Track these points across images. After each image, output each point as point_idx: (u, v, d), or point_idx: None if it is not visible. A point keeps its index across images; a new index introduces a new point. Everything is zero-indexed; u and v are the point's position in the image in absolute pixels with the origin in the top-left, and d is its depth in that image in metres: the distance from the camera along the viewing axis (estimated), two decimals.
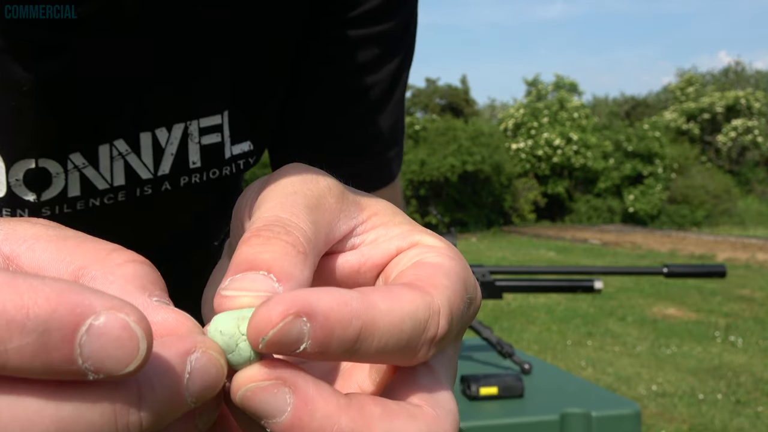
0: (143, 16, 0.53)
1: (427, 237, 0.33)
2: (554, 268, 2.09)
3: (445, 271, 0.30)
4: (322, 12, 0.63)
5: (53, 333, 0.19)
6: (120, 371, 0.21)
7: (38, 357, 0.19)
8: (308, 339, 0.24)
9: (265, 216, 0.30)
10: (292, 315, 0.24)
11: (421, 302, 0.27)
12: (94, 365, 0.20)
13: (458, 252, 0.33)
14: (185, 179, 0.60)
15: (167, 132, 0.57)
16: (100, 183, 0.56)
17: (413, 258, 0.32)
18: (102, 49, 0.52)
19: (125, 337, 0.20)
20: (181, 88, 0.57)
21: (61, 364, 0.20)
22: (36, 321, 0.19)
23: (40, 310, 0.19)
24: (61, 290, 0.20)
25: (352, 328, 0.25)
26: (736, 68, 36.28)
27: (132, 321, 0.21)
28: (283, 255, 0.28)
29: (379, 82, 0.67)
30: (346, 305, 0.25)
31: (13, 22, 0.48)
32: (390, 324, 0.26)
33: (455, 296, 0.29)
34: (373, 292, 0.27)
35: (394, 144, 0.72)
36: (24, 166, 0.52)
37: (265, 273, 0.27)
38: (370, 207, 0.35)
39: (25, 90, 0.50)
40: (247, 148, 0.63)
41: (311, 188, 0.32)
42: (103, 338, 0.20)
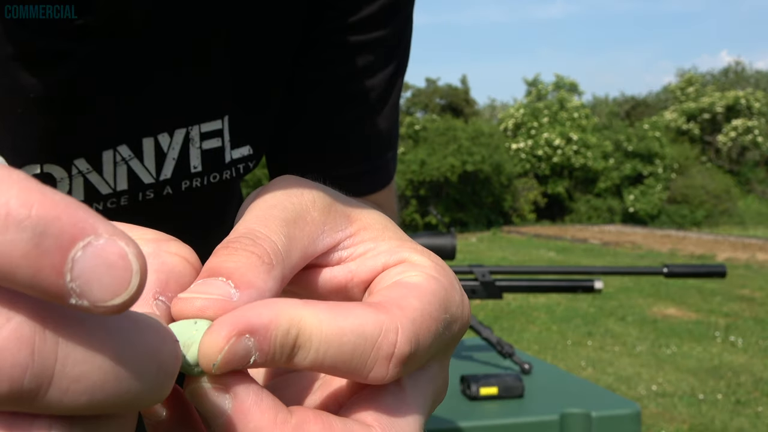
0: (145, 22, 0.53)
1: (414, 254, 0.33)
2: (554, 268, 2.09)
3: (420, 292, 0.30)
4: (320, 18, 0.63)
5: (50, 237, 0.18)
6: (104, 301, 0.19)
7: (27, 258, 0.18)
8: (255, 352, 0.25)
9: (239, 229, 0.31)
10: (235, 336, 0.25)
11: (372, 320, 0.28)
12: (80, 286, 0.19)
13: (445, 270, 0.33)
14: (186, 183, 0.60)
15: (169, 137, 0.58)
16: (104, 188, 0.56)
17: (394, 277, 0.32)
18: (106, 56, 0.52)
19: (120, 265, 0.19)
20: (182, 94, 0.57)
21: (49, 273, 0.18)
22: (36, 220, 0.18)
23: (44, 211, 0.18)
24: (70, 203, 0.19)
25: (290, 336, 0.26)
26: (736, 68, 36.29)
27: (131, 252, 0.20)
28: (246, 264, 0.28)
29: (375, 87, 0.67)
30: (284, 314, 0.26)
31: (22, 29, 0.48)
32: (327, 335, 0.27)
33: (424, 318, 0.29)
34: (320, 304, 0.27)
35: (389, 147, 0.72)
36: (29, 171, 0.53)
37: (224, 279, 0.28)
38: (361, 219, 0.35)
39: (31, 97, 0.50)
40: (246, 152, 0.64)
41: (292, 201, 0.33)
42: (98, 260, 0.19)
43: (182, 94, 0.57)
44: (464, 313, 0.33)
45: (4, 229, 0.18)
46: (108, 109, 0.54)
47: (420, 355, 0.29)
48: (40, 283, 0.18)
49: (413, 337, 0.28)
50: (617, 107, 33.67)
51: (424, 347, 0.29)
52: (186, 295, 0.27)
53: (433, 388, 0.32)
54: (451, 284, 0.32)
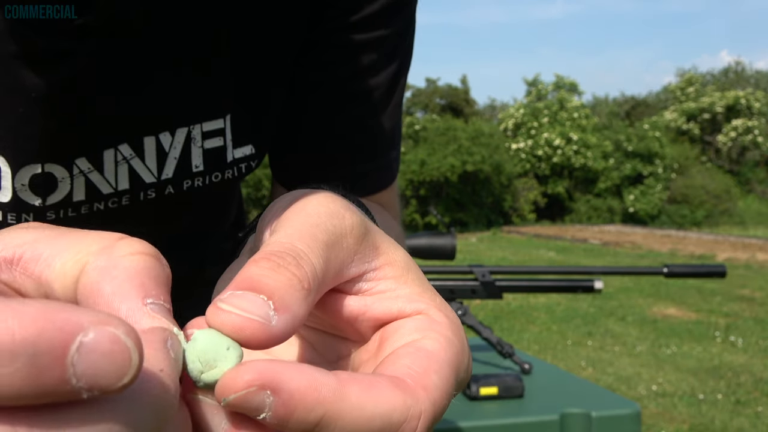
0: (146, 21, 0.53)
1: (432, 308, 0.33)
2: (554, 268, 2.09)
3: (439, 364, 0.30)
4: (322, 17, 0.63)
5: (43, 355, 0.19)
6: (114, 386, 0.20)
7: (30, 381, 0.19)
8: (269, 411, 0.25)
9: (282, 242, 0.30)
10: (257, 386, 0.25)
11: (401, 405, 0.27)
12: (87, 383, 0.20)
13: (459, 329, 0.33)
14: (188, 183, 0.60)
15: (170, 136, 0.58)
16: (105, 187, 0.56)
17: (412, 334, 0.32)
18: (107, 55, 0.52)
19: (116, 350, 0.20)
20: (183, 93, 0.57)
21: (55, 385, 0.19)
22: (24, 344, 0.18)
23: (27, 333, 0.19)
24: (45, 310, 0.19)
25: (314, 414, 0.26)
26: (736, 68, 36.29)
27: (122, 334, 0.20)
28: (287, 286, 0.28)
29: (379, 86, 0.67)
30: (315, 391, 0.26)
31: (24, 28, 0.48)
32: (357, 419, 0.26)
33: (442, 398, 0.29)
34: (353, 381, 0.27)
35: (392, 146, 0.72)
36: (30, 171, 0.53)
37: (265, 298, 0.27)
38: (387, 255, 0.34)
39: (33, 96, 0.50)
40: (248, 151, 0.64)
41: (335, 224, 0.32)
42: (95, 354, 0.20)
43: (184, 93, 0.57)
44: (469, 374, 0.34)
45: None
46: (109, 108, 0.54)
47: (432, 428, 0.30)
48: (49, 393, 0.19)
49: (432, 420, 0.29)
50: (617, 107, 33.66)
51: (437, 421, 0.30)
52: (225, 307, 0.27)
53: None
54: (463, 347, 0.33)
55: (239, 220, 0.81)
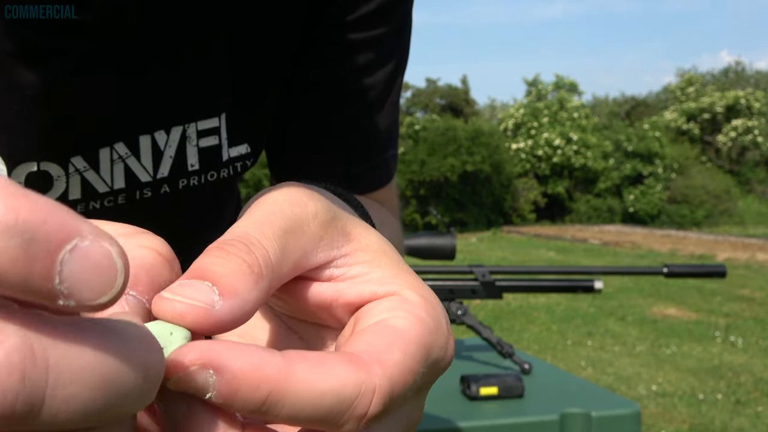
0: (142, 20, 0.53)
1: (405, 289, 0.33)
2: (554, 268, 2.09)
3: (405, 340, 0.30)
4: (319, 15, 0.63)
5: (39, 242, 0.19)
6: (91, 300, 0.20)
7: (18, 264, 0.19)
8: (213, 390, 0.25)
9: (235, 230, 0.31)
10: (199, 365, 0.25)
11: (353, 380, 0.27)
12: (68, 288, 0.19)
13: (434, 308, 0.33)
14: (184, 182, 0.60)
15: (166, 135, 0.58)
16: (101, 186, 0.56)
17: (382, 313, 0.31)
18: (103, 53, 0.52)
19: (105, 265, 0.20)
20: (178, 91, 0.57)
21: (39, 278, 0.19)
22: (24, 226, 0.19)
23: (31, 217, 0.19)
24: (53, 207, 0.19)
25: (259, 392, 0.26)
26: (736, 68, 36.29)
27: (114, 252, 0.20)
28: (235, 272, 0.28)
29: (375, 85, 0.67)
30: (258, 369, 0.26)
31: (19, 26, 0.48)
32: (305, 396, 0.26)
33: (403, 373, 0.29)
34: (300, 359, 0.27)
35: (390, 146, 0.72)
36: (26, 169, 0.53)
37: (209, 285, 0.27)
38: (359, 240, 0.34)
39: (29, 94, 0.50)
40: (244, 150, 0.64)
41: (294, 210, 0.32)
42: (84, 261, 0.20)
43: (179, 91, 0.57)
44: (447, 354, 0.33)
45: None
46: (104, 106, 0.54)
47: (393, 408, 0.29)
48: (30, 287, 0.19)
49: (388, 396, 0.28)
50: (617, 107, 33.66)
51: (398, 401, 0.29)
52: (168, 296, 0.27)
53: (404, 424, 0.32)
54: (438, 326, 0.32)
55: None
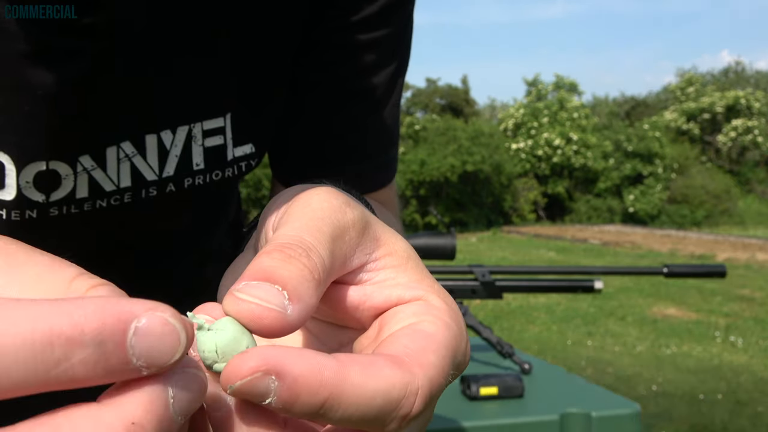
0: (148, 21, 0.53)
1: (431, 294, 0.34)
2: (554, 268, 2.09)
3: (436, 345, 0.31)
4: (321, 17, 0.64)
5: (108, 342, 0.22)
6: (168, 362, 0.24)
7: (99, 364, 0.22)
8: (274, 396, 0.26)
9: (291, 234, 0.31)
10: (262, 372, 0.26)
11: (399, 382, 0.28)
12: (145, 362, 0.23)
13: (457, 314, 0.34)
14: (189, 181, 0.60)
15: (172, 134, 0.58)
16: (108, 185, 0.56)
17: (410, 318, 0.32)
18: (111, 54, 0.52)
19: (167, 331, 0.24)
20: (184, 91, 0.58)
21: (119, 366, 0.23)
22: (91, 335, 0.22)
23: (92, 325, 0.22)
24: (103, 304, 0.23)
25: (318, 396, 0.26)
26: (736, 68, 36.29)
27: (169, 317, 0.24)
28: (300, 277, 0.29)
29: (378, 86, 0.68)
30: (318, 373, 0.26)
31: (31, 27, 0.48)
32: (359, 398, 0.27)
33: (439, 376, 0.30)
34: (352, 362, 0.27)
35: (391, 146, 0.73)
36: (35, 168, 0.53)
37: (280, 288, 0.28)
38: (387, 245, 0.35)
39: (40, 94, 0.50)
40: (249, 150, 0.64)
41: (339, 219, 0.33)
42: (150, 337, 0.23)
43: (184, 91, 0.58)
44: (467, 358, 0.34)
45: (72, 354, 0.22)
46: (112, 106, 0.54)
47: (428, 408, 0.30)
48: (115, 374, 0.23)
49: (429, 397, 0.29)
50: (617, 107, 33.66)
51: (433, 402, 0.31)
52: (242, 296, 0.28)
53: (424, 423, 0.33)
54: (460, 331, 0.33)
55: (238, 219, 0.82)
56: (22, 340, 0.21)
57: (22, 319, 0.21)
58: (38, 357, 0.21)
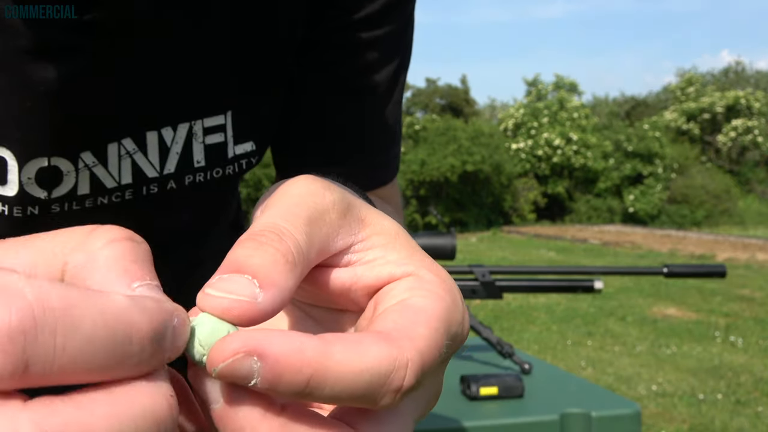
0: (148, 18, 0.53)
1: (422, 269, 0.34)
2: (554, 268, 2.09)
3: (427, 317, 0.31)
4: (323, 16, 0.64)
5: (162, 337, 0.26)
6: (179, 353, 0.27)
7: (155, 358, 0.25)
8: (258, 377, 0.26)
9: (264, 222, 0.31)
10: (243, 353, 0.26)
11: (386, 356, 0.28)
12: (171, 356, 0.26)
13: (451, 286, 0.34)
14: (190, 178, 0.61)
15: (172, 131, 0.58)
16: (109, 181, 0.57)
17: (402, 294, 0.33)
18: (112, 51, 0.52)
19: (186, 330, 0.27)
20: (185, 89, 0.58)
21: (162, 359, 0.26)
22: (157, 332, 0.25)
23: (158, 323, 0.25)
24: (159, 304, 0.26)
25: (301, 375, 0.26)
26: (737, 68, 36.28)
27: (186, 317, 0.27)
28: (272, 262, 0.29)
29: (379, 84, 0.68)
30: (300, 352, 0.26)
31: (31, 25, 0.48)
32: (344, 375, 0.27)
33: (430, 347, 0.30)
34: (337, 341, 0.28)
35: (393, 143, 0.73)
36: (37, 164, 0.53)
37: (249, 277, 0.28)
38: (374, 225, 0.35)
39: (42, 90, 0.51)
40: (249, 148, 0.64)
41: (316, 201, 0.33)
42: (180, 333, 0.27)
43: (185, 88, 0.58)
44: (464, 329, 0.34)
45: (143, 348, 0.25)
46: (114, 102, 0.55)
47: (423, 381, 0.30)
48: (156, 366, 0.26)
49: (420, 369, 0.29)
50: (617, 107, 33.66)
51: (428, 374, 0.30)
52: (212, 292, 0.28)
53: (427, 397, 0.34)
54: (455, 303, 0.33)
55: (238, 219, 0.82)
56: (110, 331, 0.23)
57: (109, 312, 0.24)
58: (118, 348, 0.24)
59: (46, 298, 0.22)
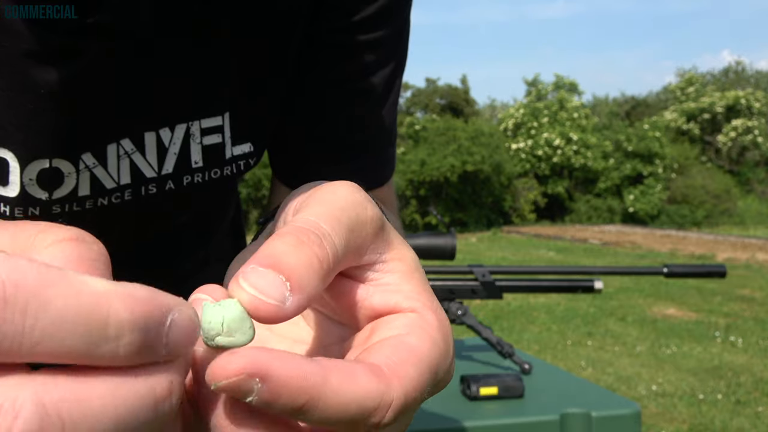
0: (148, 20, 0.53)
1: (426, 309, 0.34)
2: (554, 268, 2.09)
3: (418, 359, 0.31)
4: (321, 17, 0.64)
5: (152, 329, 0.24)
6: (183, 353, 0.26)
7: (139, 349, 0.24)
8: (256, 395, 0.27)
9: (308, 219, 0.32)
10: (246, 375, 0.26)
11: (375, 392, 0.29)
12: (169, 350, 0.25)
13: (447, 333, 0.34)
14: (188, 179, 0.61)
15: (170, 132, 0.59)
16: (108, 182, 0.57)
17: (400, 329, 0.33)
18: (113, 53, 0.53)
19: (192, 327, 0.26)
20: (183, 90, 0.58)
21: (151, 352, 0.25)
22: (141, 321, 0.24)
23: (143, 311, 0.24)
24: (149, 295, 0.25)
25: (299, 399, 0.27)
26: (737, 68, 36.27)
27: (193, 314, 0.26)
28: (307, 266, 0.29)
29: (376, 86, 0.68)
30: (303, 380, 0.27)
31: (33, 27, 0.49)
32: (336, 404, 0.28)
33: (415, 390, 0.31)
34: (334, 369, 0.28)
35: (390, 143, 0.74)
36: (38, 166, 0.54)
37: (283, 279, 0.29)
38: (398, 250, 0.36)
39: (42, 92, 0.51)
40: (247, 149, 0.64)
41: (359, 212, 0.34)
42: (179, 329, 0.25)
43: (183, 90, 0.58)
44: (449, 375, 0.35)
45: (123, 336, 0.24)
46: (113, 103, 0.55)
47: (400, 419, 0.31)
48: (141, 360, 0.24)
49: (401, 410, 0.30)
50: (617, 107, 33.65)
51: (408, 414, 0.31)
52: (245, 285, 0.28)
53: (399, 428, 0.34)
54: (447, 349, 0.34)
55: (237, 219, 0.82)
56: (83, 314, 0.23)
57: (86, 294, 0.23)
58: (93, 332, 0.23)
59: (21, 276, 0.22)
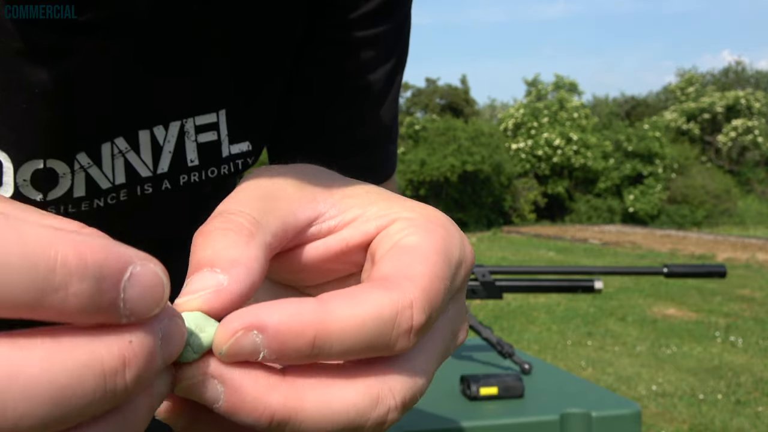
0: (144, 19, 0.53)
1: (405, 211, 0.34)
2: (554, 268, 2.09)
3: (422, 253, 0.31)
4: (320, 14, 0.64)
5: (106, 279, 0.22)
6: (146, 314, 0.24)
7: (93, 300, 0.22)
8: (264, 348, 0.26)
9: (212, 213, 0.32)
10: (242, 330, 0.26)
11: (387, 301, 0.28)
12: (130, 308, 0.23)
13: (438, 217, 0.34)
14: (184, 178, 0.60)
15: (164, 130, 0.58)
16: (104, 182, 0.56)
17: (393, 238, 0.32)
18: (106, 51, 0.52)
19: (156, 284, 0.24)
20: (177, 87, 0.57)
21: (108, 307, 0.22)
22: (93, 268, 0.22)
23: (96, 259, 0.22)
24: (105, 243, 0.23)
25: (305, 337, 0.26)
26: (737, 68, 36.27)
27: (159, 271, 0.24)
28: (223, 245, 0.29)
29: (377, 82, 0.68)
30: (297, 316, 0.26)
31: (27, 26, 0.48)
32: (347, 329, 0.27)
33: (432, 282, 0.30)
34: (333, 298, 0.28)
35: (390, 140, 0.73)
36: (32, 166, 0.53)
37: (209, 269, 0.28)
38: (342, 190, 0.35)
39: (36, 92, 0.50)
40: (245, 148, 0.64)
41: (265, 182, 0.34)
42: (141, 285, 0.23)
43: (177, 87, 0.58)
44: (466, 251, 0.34)
45: (70, 284, 0.21)
46: (107, 103, 0.54)
47: (436, 315, 0.30)
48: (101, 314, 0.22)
49: (427, 305, 0.29)
50: (617, 107, 33.65)
51: (438, 308, 0.30)
52: (184, 299, 0.28)
53: (451, 328, 0.33)
54: (448, 232, 0.33)
55: None
56: (27, 260, 0.21)
57: (30, 239, 0.21)
58: (39, 279, 0.21)
59: None
